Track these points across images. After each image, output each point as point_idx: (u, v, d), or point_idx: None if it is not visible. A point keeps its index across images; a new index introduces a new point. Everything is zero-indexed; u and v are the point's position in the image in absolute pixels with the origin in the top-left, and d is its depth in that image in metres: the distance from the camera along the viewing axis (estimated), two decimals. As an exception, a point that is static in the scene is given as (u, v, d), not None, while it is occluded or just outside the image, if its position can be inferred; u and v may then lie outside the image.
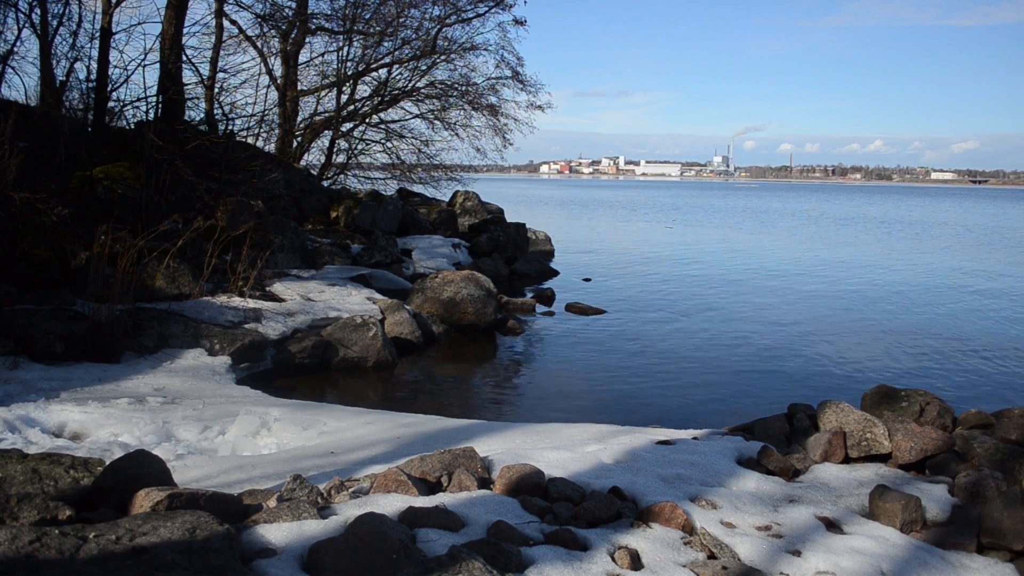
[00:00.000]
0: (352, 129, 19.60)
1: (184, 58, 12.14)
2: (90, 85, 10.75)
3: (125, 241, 7.37)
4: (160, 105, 11.27)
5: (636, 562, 2.82)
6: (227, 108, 13.40)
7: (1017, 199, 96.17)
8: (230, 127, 13.06)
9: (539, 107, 20.09)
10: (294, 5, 17.01)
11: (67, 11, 10.75)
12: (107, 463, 3.06)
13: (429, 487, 3.39)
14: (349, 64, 18.61)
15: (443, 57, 19.07)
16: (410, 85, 19.44)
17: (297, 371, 7.41)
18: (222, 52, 14.43)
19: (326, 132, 18.87)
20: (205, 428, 5.10)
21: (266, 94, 16.72)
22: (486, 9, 18.88)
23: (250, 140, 14.65)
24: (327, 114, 18.84)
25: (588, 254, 19.71)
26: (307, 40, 17.99)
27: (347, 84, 18.82)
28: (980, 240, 28.00)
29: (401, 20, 17.93)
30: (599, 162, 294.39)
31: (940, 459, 3.95)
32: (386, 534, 2.55)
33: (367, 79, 19.28)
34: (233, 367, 6.90)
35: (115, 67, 10.91)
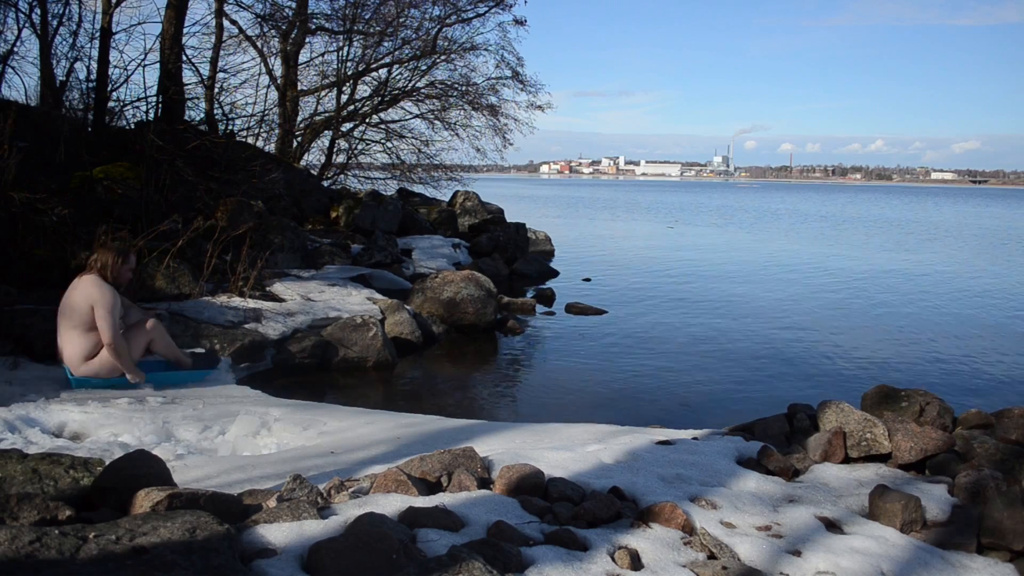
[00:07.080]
0: (352, 129, 19.63)
1: (184, 58, 12.15)
2: (90, 85, 10.76)
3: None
4: (160, 105, 11.27)
5: (636, 562, 2.82)
6: (227, 108, 13.41)
7: (1013, 199, 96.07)
8: (230, 127, 13.07)
9: (539, 107, 20.15)
10: (294, 5, 17.03)
11: (67, 11, 10.78)
12: (107, 463, 3.05)
13: (429, 487, 3.39)
14: (349, 64, 18.64)
15: (443, 57, 19.10)
16: (410, 85, 19.47)
17: (297, 371, 7.41)
18: (222, 52, 14.48)
19: (326, 132, 18.89)
20: (205, 428, 5.10)
21: (266, 94, 16.75)
22: (486, 9, 18.94)
23: (250, 140, 14.66)
24: (327, 114, 18.86)
25: (588, 254, 19.70)
26: (307, 40, 18.03)
27: (347, 84, 18.85)
28: (978, 239, 28.00)
29: (401, 20, 17.96)
30: (599, 162, 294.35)
31: (940, 459, 3.95)
32: (386, 534, 2.55)
33: (367, 79, 19.32)
34: (233, 367, 6.90)
35: (115, 67, 10.93)
